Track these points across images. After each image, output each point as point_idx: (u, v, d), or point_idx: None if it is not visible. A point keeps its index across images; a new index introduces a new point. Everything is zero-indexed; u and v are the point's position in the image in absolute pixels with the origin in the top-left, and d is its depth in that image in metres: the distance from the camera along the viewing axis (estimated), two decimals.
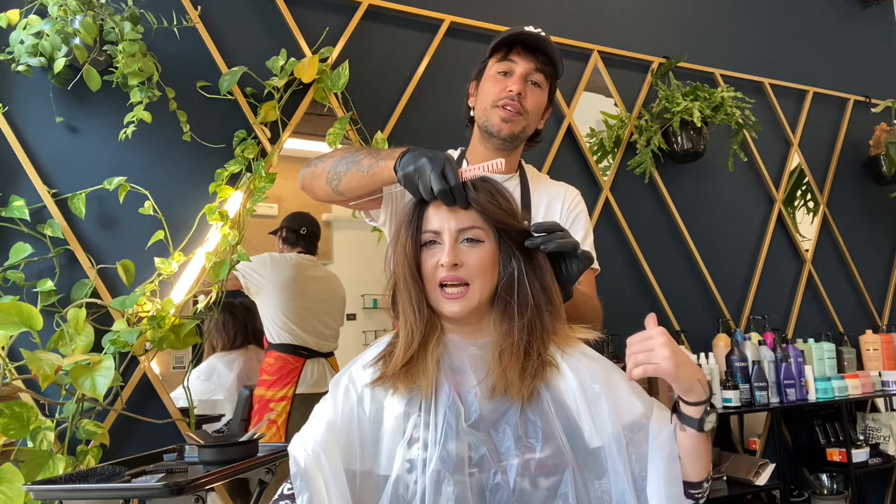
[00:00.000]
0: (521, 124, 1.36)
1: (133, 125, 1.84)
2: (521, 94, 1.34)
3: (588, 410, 0.95)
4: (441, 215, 1.00)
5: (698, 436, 0.93)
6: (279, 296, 2.21)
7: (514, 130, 1.35)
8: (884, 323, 3.31)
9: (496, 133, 1.35)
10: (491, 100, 1.36)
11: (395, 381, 0.96)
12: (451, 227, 0.98)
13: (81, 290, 1.83)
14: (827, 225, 3.25)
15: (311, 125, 2.21)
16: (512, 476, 0.90)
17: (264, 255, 2.26)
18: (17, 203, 1.78)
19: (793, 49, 3.36)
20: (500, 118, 1.34)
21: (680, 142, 2.71)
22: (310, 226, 2.37)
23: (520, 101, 1.34)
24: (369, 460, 0.93)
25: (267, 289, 2.20)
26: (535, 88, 1.37)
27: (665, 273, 2.76)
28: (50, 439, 1.56)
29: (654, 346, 0.90)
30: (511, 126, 1.35)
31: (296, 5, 2.23)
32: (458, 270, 0.97)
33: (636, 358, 0.91)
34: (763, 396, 2.52)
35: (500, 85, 1.35)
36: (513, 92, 1.33)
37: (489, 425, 0.94)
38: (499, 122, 1.34)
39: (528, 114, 1.36)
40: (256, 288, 2.18)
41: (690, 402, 0.93)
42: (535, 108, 1.37)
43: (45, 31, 1.74)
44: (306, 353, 2.17)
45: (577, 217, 1.45)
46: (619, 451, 0.93)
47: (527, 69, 1.34)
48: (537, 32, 1.35)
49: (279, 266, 2.25)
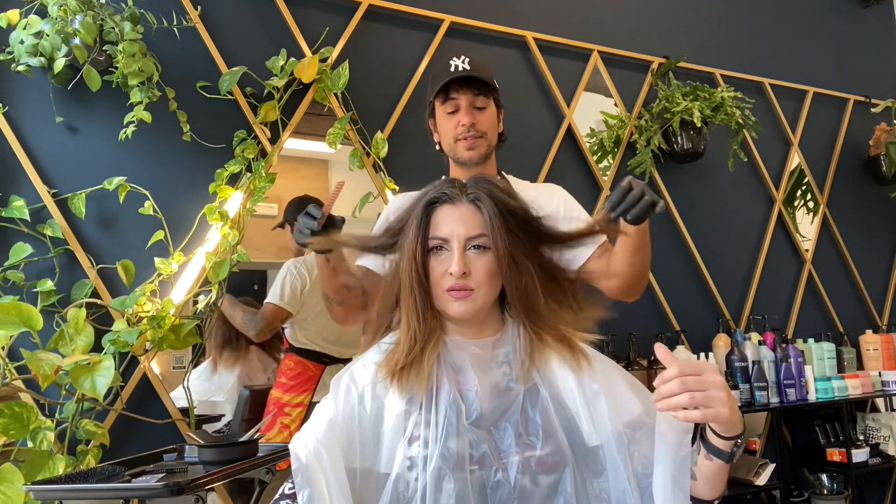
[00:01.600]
0: (483, 146, 1.54)
1: (133, 125, 1.84)
2: (473, 124, 1.51)
3: (587, 409, 0.96)
4: (451, 223, 1.00)
5: (723, 465, 0.91)
6: (313, 302, 2.11)
7: (481, 152, 1.54)
8: (884, 323, 3.31)
9: (466, 161, 1.54)
10: (451, 136, 1.54)
11: (392, 380, 0.96)
12: (459, 234, 0.99)
13: (81, 290, 1.83)
14: (827, 225, 3.25)
15: (311, 125, 2.21)
16: (512, 473, 0.91)
17: (291, 269, 2.11)
18: (17, 203, 1.78)
19: (793, 49, 3.36)
20: (465, 148, 1.53)
21: (680, 142, 2.71)
22: None
23: (474, 129, 1.52)
24: (370, 458, 0.93)
25: (307, 300, 2.12)
26: (482, 111, 1.54)
27: (665, 273, 2.76)
28: (50, 439, 1.56)
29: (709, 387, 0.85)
30: (477, 151, 1.53)
31: (296, 5, 2.23)
32: (467, 279, 0.98)
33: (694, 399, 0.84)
34: (763, 396, 2.52)
35: (453, 122, 1.53)
36: (465, 125, 1.51)
37: (490, 423, 0.95)
38: (466, 153, 1.53)
39: (486, 135, 1.53)
40: (300, 307, 2.11)
41: (725, 437, 0.89)
42: (489, 126, 1.54)
43: (45, 31, 1.74)
44: (327, 361, 2.14)
45: (570, 208, 1.59)
46: (619, 450, 0.93)
47: (468, 101, 1.52)
48: (463, 68, 1.50)
49: (311, 273, 2.11)
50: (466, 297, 0.98)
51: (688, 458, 0.92)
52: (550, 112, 2.66)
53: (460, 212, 1.01)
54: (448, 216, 1.01)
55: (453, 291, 0.98)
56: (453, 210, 1.02)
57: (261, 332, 2.11)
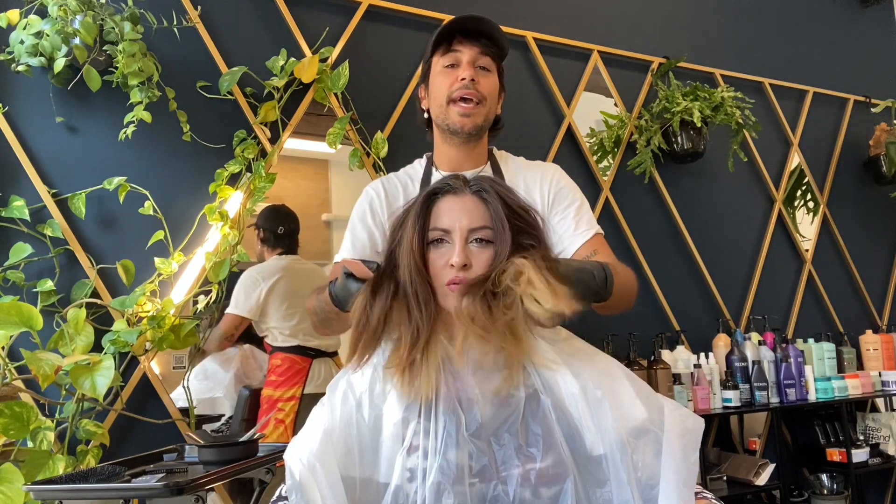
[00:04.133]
0: (481, 114, 1.31)
1: (133, 125, 1.84)
2: (474, 80, 1.29)
3: (590, 417, 0.92)
4: (453, 213, 0.98)
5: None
6: (275, 305, 2.15)
7: (477, 122, 1.31)
8: (884, 323, 3.31)
9: (458, 130, 1.31)
10: (444, 95, 1.30)
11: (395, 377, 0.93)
12: (462, 225, 0.97)
13: (81, 290, 1.83)
14: (827, 225, 3.25)
15: (311, 125, 2.21)
16: (512, 487, 0.88)
17: (246, 278, 2.13)
18: (17, 203, 1.78)
19: (793, 49, 3.36)
20: (459, 114, 1.29)
21: (680, 142, 2.71)
22: (287, 223, 2.23)
23: (474, 87, 1.29)
24: (369, 467, 0.91)
25: (265, 306, 2.15)
26: (486, 73, 1.32)
27: (665, 273, 2.76)
28: (50, 439, 1.57)
29: None
30: (472, 120, 1.30)
31: (296, 5, 2.23)
32: (468, 271, 0.95)
33: None
34: (763, 396, 2.52)
35: (450, 77, 1.30)
36: (465, 80, 1.28)
37: (490, 433, 0.92)
38: (458, 119, 1.29)
39: (485, 100, 1.31)
40: (259, 313, 2.13)
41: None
42: (490, 93, 1.32)
43: (45, 31, 1.74)
44: (313, 353, 2.15)
45: (560, 191, 1.39)
46: (622, 459, 0.90)
47: (473, 55, 1.29)
48: (475, 15, 1.30)
49: (267, 279, 2.15)
50: None
51: (695, 472, 0.91)
52: (550, 112, 2.66)
53: (463, 203, 0.99)
54: (450, 207, 0.99)
55: (454, 285, 0.96)
56: (456, 201, 0.99)
57: (218, 340, 2.09)
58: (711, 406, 2.47)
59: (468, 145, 1.35)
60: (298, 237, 2.26)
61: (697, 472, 0.91)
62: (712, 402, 2.48)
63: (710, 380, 2.49)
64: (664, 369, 2.37)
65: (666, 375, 2.37)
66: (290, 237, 2.25)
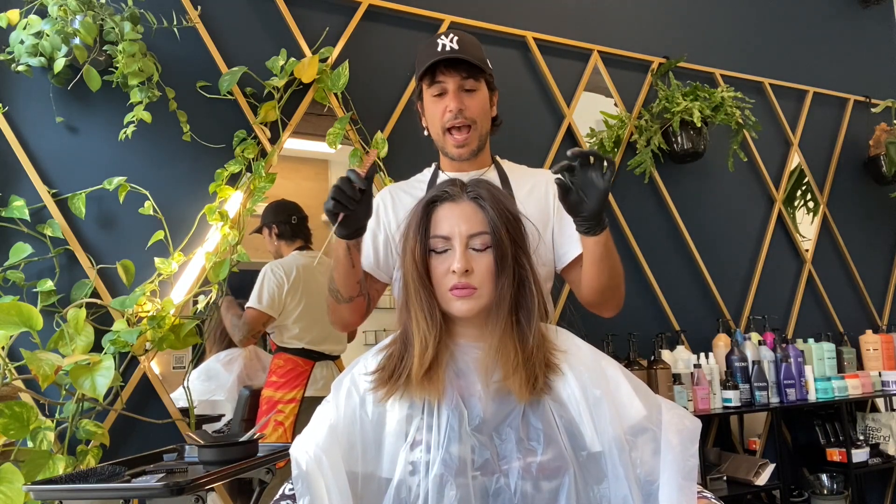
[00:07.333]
0: (475, 139, 1.39)
1: (133, 125, 1.84)
2: (461, 110, 1.37)
3: (589, 415, 0.95)
4: (451, 220, 1.00)
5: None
6: (292, 306, 2.13)
7: (472, 148, 1.40)
8: (884, 323, 3.31)
9: (456, 157, 1.41)
10: (439, 125, 1.39)
11: (411, 391, 0.95)
12: (461, 232, 0.99)
13: (81, 290, 1.83)
14: (827, 225, 3.25)
15: (311, 125, 2.21)
16: (513, 479, 0.90)
17: (269, 272, 2.11)
18: (17, 203, 1.78)
19: (793, 49, 3.36)
20: (453, 145, 1.39)
21: (680, 142, 2.71)
22: (297, 212, 2.23)
23: (463, 115, 1.37)
24: (372, 462, 0.93)
25: (286, 304, 2.13)
26: (472, 93, 1.39)
27: (665, 273, 2.76)
28: (50, 439, 1.57)
29: None
30: (467, 147, 1.39)
31: (296, 5, 2.23)
32: (469, 276, 0.97)
33: None
34: (763, 396, 2.52)
35: (440, 107, 1.38)
36: (453, 112, 1.36)
37: (492, 428, 0.94)
38: (454, 150, 1.40)
39: (475, 123, 1.39)
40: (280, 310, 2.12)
41: None
42: (479, 111, 1.40)
43: (45, 31, 1.74)
44: (317, 356, 2.15)
45: None
46: (620, 456, 0.92)
47: (456, 83, 1.37)
48: (450, 48, 1.35)
49: (288, 276, 2.13)
50: (470, 295, 0.97)
51: (695, 467, 0.92)
52: (550, 112, 2.66)
53: (461, 209, 1.01)
54: (449, 214, 1.00)
55: (456, 290, 0.97)
56: (454, 207, 1.01)
57: (244, 337, 2.11)
58: (711, 406, 2.47)
59: (470, 162, 1.44)
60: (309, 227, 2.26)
61: (697, 465, 0.93)
62: (712, 402, 2.48)
63: (710, 380, 2.49)
64: (664, 369, 2.38)
65: (666, 375, 2.37)
66: (304, 226, 2.25)
